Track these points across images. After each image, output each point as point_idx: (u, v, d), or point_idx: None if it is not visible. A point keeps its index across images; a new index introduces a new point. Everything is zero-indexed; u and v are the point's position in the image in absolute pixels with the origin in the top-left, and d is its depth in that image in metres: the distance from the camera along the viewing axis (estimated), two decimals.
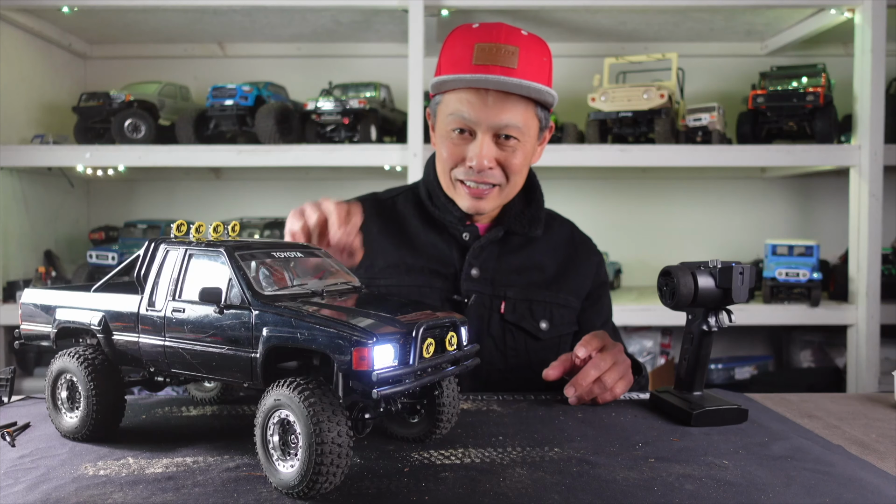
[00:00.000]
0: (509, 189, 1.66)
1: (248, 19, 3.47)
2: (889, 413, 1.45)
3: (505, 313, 1.67)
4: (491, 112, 1.53)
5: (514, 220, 1.73)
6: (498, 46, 1.51)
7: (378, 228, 1.76)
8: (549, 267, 1.76)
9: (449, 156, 1.62)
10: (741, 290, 1.29)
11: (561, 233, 1.84)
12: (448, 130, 1.60)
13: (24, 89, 3.47)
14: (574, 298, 1.76)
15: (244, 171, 3.95)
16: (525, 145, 1.60)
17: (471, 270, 1.68)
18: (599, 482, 1.01)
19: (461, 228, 1.71)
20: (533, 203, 1.77)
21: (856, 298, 3.22)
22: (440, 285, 1.68)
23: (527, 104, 1.56)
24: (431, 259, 1.71)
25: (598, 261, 1.86)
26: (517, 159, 1.60)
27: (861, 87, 3.19)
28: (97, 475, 1.02)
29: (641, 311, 3.23)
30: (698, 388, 1.39)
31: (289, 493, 0.94)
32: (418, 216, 1.77)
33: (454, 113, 1.57)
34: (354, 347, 0.93)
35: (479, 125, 1.55)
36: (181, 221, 1.17)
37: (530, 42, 1.54)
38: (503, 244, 1.74)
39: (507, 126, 1.55)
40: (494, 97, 1.53)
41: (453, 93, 1.57)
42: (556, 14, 3.35)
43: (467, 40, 1.54)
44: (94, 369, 1.14)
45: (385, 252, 1.72)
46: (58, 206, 3.79)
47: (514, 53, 1.50)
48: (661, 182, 4.00)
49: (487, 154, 1.57)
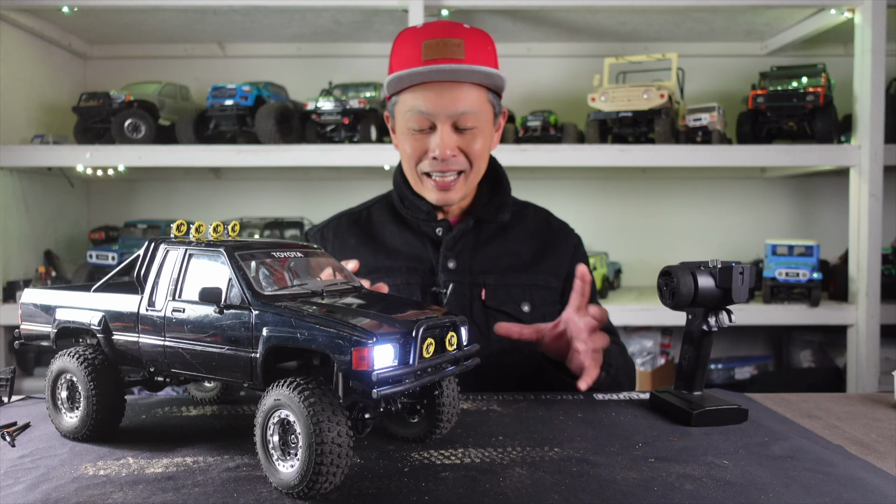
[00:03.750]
0: (473, 175, 1.73)
1: (248, 19, 3.47)
2: (889, 413, 1.45)
3: (486, 300, 1.73)
4: (447, 101, 1.62)
5: (482, 209, 1.80)
6: (444, 41, 1.59)
7: (355, 240, 1.84)
8: (525, 252, 1.82)
9: (412, 151, 1.70)
10: (741, 290, 1.29)
11: (535, 219, 1.91)
12: (408, 127, 1.68)
13: (24, 89, 3.47)
14: (553, 279, 1.80)
15: (244, 171, 3.95)
16: (483, 131, 1.69)
17: (447, 263, 1.74)
18: (599, 482, 1.01)
19: (433, 224, 1.77)
20: (499, 190, 1.84)
21: (856, 298, 3.22)
22: (419, 281, 1.74)
23: (479, 91, 1.65)
24: (408, 258, 1.77)
25: (576, 242, 1.91)
26: (477, 144, 1.68)
27: (861, 87, 3.19)
28: (97, 475, 1.02)
29: (641, 311, 3.23)
30: (698, 388, 1.39)
31: (289, 493, 0.94)
32: (392, 220, 1.85)
33: (412, 109, 1.65)
34: (354, 347, 0.93)
35: (438, 116, 1.63)
36: (181, 221, 1.17)
37: (473, 34, 1.64)
38: (476, 235, 1.80)
39: (463, 113, 1.63)
40: (448, 87, 1.61)
41: (408, 91, 1.66)
42: (556, 14, 3.35)
43: (414, 39, 1.63)
44: (94, 369, 1.14)
45: (364, 261, 1.77)
46: (58, 206, 3.79)
47: (459, 45, 1.60)
48: (661, 182, 4.00)
49: (449, 143, 1.65)
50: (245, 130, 3.30)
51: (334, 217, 1.93)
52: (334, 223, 1.90)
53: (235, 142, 3.39)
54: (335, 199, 3.91)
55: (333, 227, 1.89)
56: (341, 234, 1.86)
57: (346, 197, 2.04)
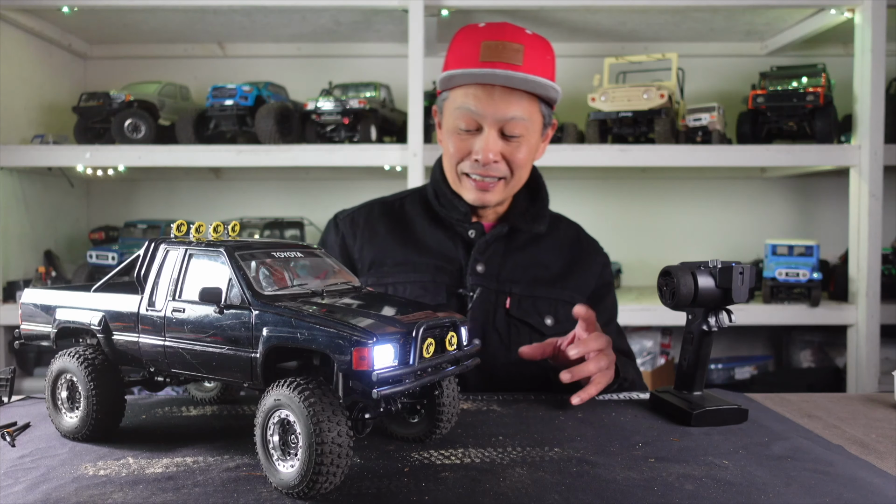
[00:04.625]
0: (514, 183, 1.70)
1: (248, 19, 3.47)
2: (889, 413, 1.45)
3: (510, 309, 1.70)
4: (497, 106, 1.58)
5: (518, 217, 1.76)
6: (504, 44, 1.56)
7: (385, 229, 1.80)
8: (555, 265, 1.78)
9: (455, 150, 1.66)
10: (741, 290, 1.29)
11: (567, 233, 1.87)
12: (455, 125, 1.65)
13: (24, 89, 3.47)
14: (579, 296, 1.77)
15: (244, 171, 3.95)
16: (529, 140, 1.65)
17: (476, 266, 1.71)
18: (599, 482, 1.01)
19: (467, 226, 1.74)
20: (537, 200, 1.81)
21: (856, 298, 3.22)
22: (445, 281, 1.71)
23: (531, 100, 1.61)
24: (437, 256, 1.74)
25: (604, 261, 1.88)
26: (521, 153, 1.65)
27: (861, 87, 3.18)
28: (97, 475, 1.02)
29: (641, 311, 3.23)
30: (698, 388, 1.39)
31: (289, 493, 0.94)
32: (425, 216, 1.81)
33: (461, 107, 1.61)
34: (354, 347, 0.93)
35: (486, 119, 1.60)
36: (181, 221, 1.17)
37: (534, 41, 1.60)
38: (509, 242, 1.76)
39: (512, 119, 1.60)
40: (500, 92, 1.58)
41: (460, 89, 1.62)
42: (556, 14, 3.35)
43: (474, 38, 1.60)
44: (94, 369, 1.14)
45: (392, 252, 1.75)
46: (58, 206, 3.79)
47: (519, 51, 1.56)
48: (661, 182, 4.00)
49: (493, 147, 1.61)
50: (245, 130, 3.30)
51: (366, 203, 1.89)
52: (366, 209, 1.87)
53: (235, 142, 3.39)
54: (335, 199, 3.91)
55: (365, 212, 1.85)
56: (372, 222, 1.83)
57: (346, 197, 2.04)
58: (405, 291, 1.69)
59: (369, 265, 1.76)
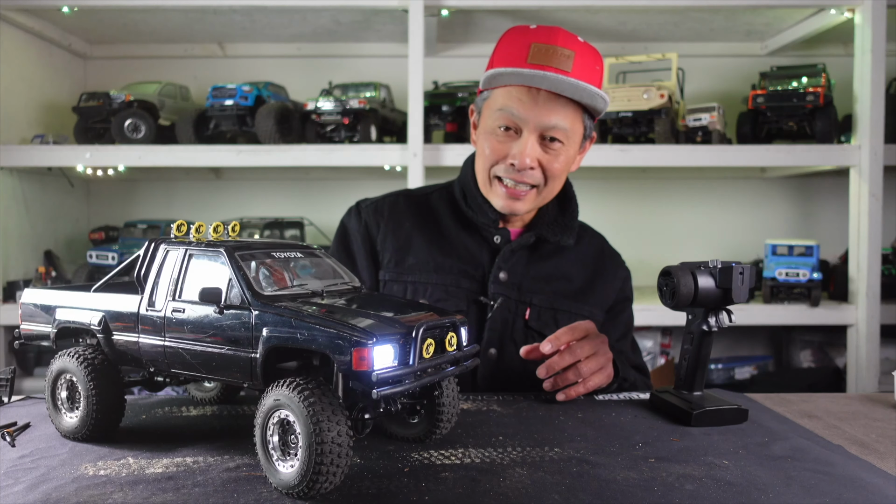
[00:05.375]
0: (546, 192, 1.66)
1: (248, 19, 3.47)
2: (889, 413, 1.45)
3: (529, 320, 1.67)
4: (541, 111, 1.54)
5: (546, 227, 1.73)
6: (555, 48, 1.50)
7: (411, 223, 1.76)
8: (577, 278, 1.75)
9: (492, 152, 1.61)
10: (741, 290, 1.29)
11: (591, 246, 1.84)
12: (494, 126, 1.60)
13: (24, 89, 3.47)
14: (598, 311, 1.76)
15: (244, 171, 3.95)
16: (568, 150, 1.61)
17: (499, 273, 1.68)
18: (599, 482, 1.01)
19: (493, 231, 1.70)
20: (567, 212, 1.77)
21: (856, 298, 3.22)
22: (467, 286, 1.68)
23: (575, 109, 1.57)
24: (461, 259, 1.71)
25: (625, 276, 1.86)
26: (558, 163, 1.60)
27: (861, 87, 3.19)
28: (97, 475, 1.02)
29: (641, 311, 3.19)
30: (698, 388, 1.39)
31: (289, 493, 0.94)
32: (451, 215, 1.77)
33: (503, 108, 1.57)
34: (354, 347, 0.93)
35: (527, 123, 1.55)
36: (181, 221, 1.17)
37: (585, 49, 1.54)
38: (533, 251, 1.73)
39: (554, 127, 1.55)
40: (545, 97, 1.53)
41: (503, 89, 1.57)
42: (556, 14, 3.35)
43: (524, 39, 1.54)
44: (94, 369, 1.14)
45: (416, 249, 1.72)
46: (58, 206, 3.79)
47: (569, 57, 1.50)
48: (661, 182, 4.00)
49: (531, 153, 1.57)
50: (245, 130, 3.30)
51: (392, 194, 1.84)
52: (392, 199, 1.82)
53: (235, 142, 3.39)
54: (335, 199, 3.91)
55: (391, 203, 1.81)
56: (398, 214, 1.78)
57: (346, 197, 2.04)
58: (426, 293, 1.66)
59: (391, 257, 1.72)
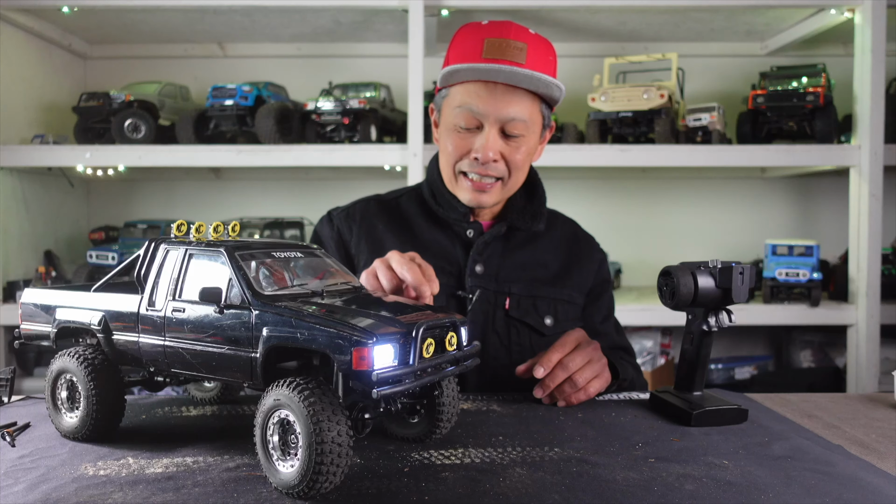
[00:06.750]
0: (511, 184, 1.68)
1: (248, 19, 3.47)
2: (889, 413, 1.45)
3: (510, 309, 1.69)
4: (499, 104, 1.57)
5: (516, 216, 1.75)
6: (507, 42, 1.54)
7: (383, 226, 1.79)
8: (553, 263, 1.78)
9: (454, 148, 1.64)
10: (741, 290, 1.29)
11: (564, 231, 1.87)
12: (454, 124, 1.63)
13: (24, 89, 3.47)
14: (577, 294, 1.78)
15: (244, 171, 3.95)
16: (528, 141, 1.64)
17: (475, 266, 1.70)
18: (599, 482, 1.01)
19: (465, 225, 1.73)
20: (535, 199, 1.80)
21: (856, 298, 3.22)
22: (444, 281, 1.68)
23: (532, 99, 1.60)
24: (435, 256, 1.71)
25: (601, 258, 1.88)
26: (520, 154, 1.63)
27: (861, 87, 3.19)
28: (97, 475, 1.02)
29: (641, 311, 3.23)
30: (698, 388, 1.39)
31: (289, 493, 0.94)
32: (422, 215, 1.80)
33: (462, 105, 1.59)
34: (354, 347, 0.93)
35: (487, 117, 1.58)
36: (181, 221, 1.17)
37: (537, 41, 1.59)
38: (507, 241, 1.76)
39: (513, 119, 1.58)
40: (503, 90, 1.56)
41: (461, 86, 1.60)
42: (556, 14, 3.35)
43: (477, 35, 1.57)
44: (94, 369, 1.14)
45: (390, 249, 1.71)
46: (58, 206, 3.79)
47: (522, 49, 1.54)
48: (661, 182, 4.00)
49: (493, 146, 1.60)
50: (245, 130, 3.30)
51: (361, 200, 1.87)
52: (362, 205, 1.84)
53: (235, 142, 3.39)
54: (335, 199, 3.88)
55: (361, 208, 1.83)
56: (369, 218, 1.80)
57: (346, 197, 2.03)
58: None
59: (366, 260, 1.73)
